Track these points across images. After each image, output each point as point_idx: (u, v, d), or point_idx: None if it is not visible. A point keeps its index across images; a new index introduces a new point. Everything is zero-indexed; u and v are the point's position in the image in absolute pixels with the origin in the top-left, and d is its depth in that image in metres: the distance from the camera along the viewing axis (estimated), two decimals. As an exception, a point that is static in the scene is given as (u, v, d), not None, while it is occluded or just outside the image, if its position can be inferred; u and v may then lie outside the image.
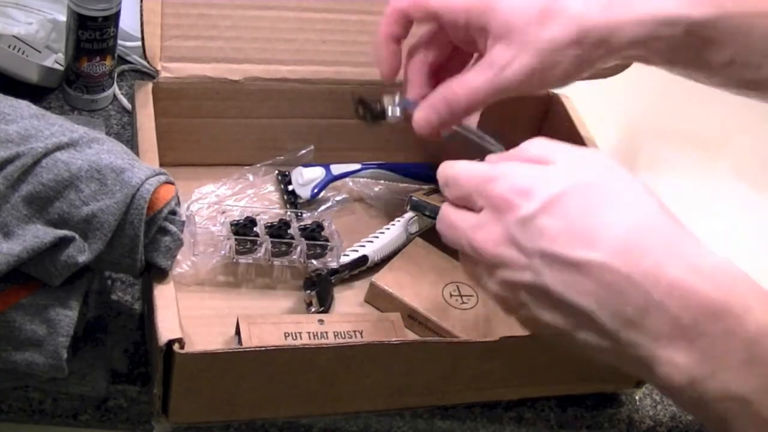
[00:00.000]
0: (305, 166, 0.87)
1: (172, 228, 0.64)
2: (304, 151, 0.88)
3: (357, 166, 0.88)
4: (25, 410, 0.69)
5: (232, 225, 0.78)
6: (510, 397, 0.75)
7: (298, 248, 0.78)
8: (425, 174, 0.88)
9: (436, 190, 0.81)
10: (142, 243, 0.63)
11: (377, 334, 0.74)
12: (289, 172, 0.87)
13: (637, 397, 0.78)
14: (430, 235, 0.80)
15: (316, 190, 0.85)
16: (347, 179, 0.88)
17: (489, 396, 0.74)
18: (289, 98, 0.84)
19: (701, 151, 1.09)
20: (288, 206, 0.85)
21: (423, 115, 0.69)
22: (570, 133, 0.87)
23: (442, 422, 0.74)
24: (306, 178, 0.86)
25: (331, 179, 0.86)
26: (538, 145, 0.56)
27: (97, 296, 0.69)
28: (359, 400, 0.71)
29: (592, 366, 0.71)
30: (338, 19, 0.84)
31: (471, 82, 0.67)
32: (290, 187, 0.86)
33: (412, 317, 0.76)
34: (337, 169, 0.87)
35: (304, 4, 0.83)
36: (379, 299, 0.78)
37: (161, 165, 0.69)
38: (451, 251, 0.62)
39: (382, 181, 0.89)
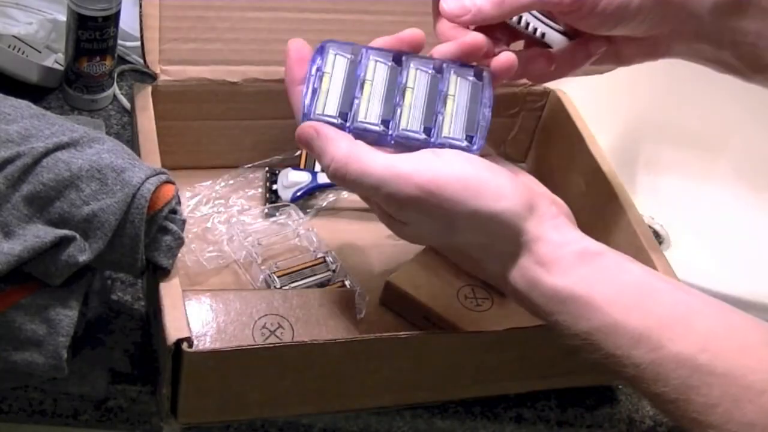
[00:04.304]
0: (295, 168, 0.86)
1: (173, 227, 0.64)
2: (297, 153, 0.87)
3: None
4: (25, 410, 0.69)
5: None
6: (516, 390, 0.75)
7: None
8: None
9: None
10: (142, 242, 0.63)
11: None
12: (278, 171, 0.87)
13: (637, 397, 0.78)
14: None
15: (298, 194, 0.85)
16: (334, 189, 0.87)
17: (495, 390, 0.74)
18: (289, 99, 0.84)
19: (701, 151, 1.09)
20: (267, 203, 0.85)
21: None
22: (568, 130, 0.87)
23: (442, 422, 0.74)
24: (291, 180, 0.85)
25: (315, 187, 0.86)
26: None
27: (97, 296, 0.69)
28: (367, 396, 0.71)
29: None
30: (336, 19, 0.84)
31: None
32: (274, 187, 0.86)
33: (427, 318, 0.76)
34: (324, 177, 0.85)
35: (302, 5, 0.83)
36: (394, 300, 0.78)
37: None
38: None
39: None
